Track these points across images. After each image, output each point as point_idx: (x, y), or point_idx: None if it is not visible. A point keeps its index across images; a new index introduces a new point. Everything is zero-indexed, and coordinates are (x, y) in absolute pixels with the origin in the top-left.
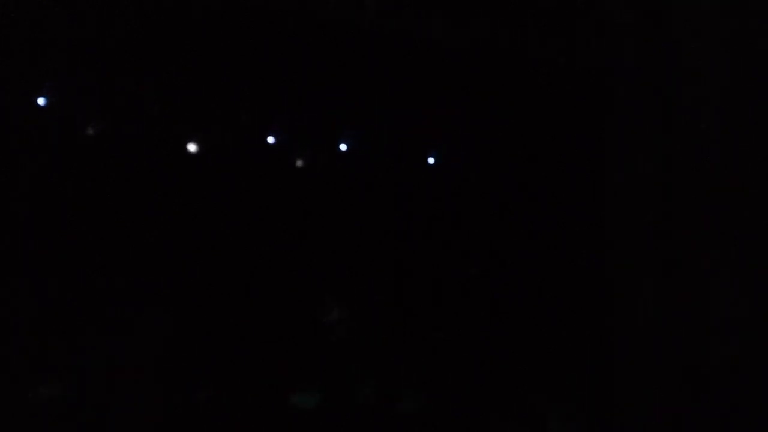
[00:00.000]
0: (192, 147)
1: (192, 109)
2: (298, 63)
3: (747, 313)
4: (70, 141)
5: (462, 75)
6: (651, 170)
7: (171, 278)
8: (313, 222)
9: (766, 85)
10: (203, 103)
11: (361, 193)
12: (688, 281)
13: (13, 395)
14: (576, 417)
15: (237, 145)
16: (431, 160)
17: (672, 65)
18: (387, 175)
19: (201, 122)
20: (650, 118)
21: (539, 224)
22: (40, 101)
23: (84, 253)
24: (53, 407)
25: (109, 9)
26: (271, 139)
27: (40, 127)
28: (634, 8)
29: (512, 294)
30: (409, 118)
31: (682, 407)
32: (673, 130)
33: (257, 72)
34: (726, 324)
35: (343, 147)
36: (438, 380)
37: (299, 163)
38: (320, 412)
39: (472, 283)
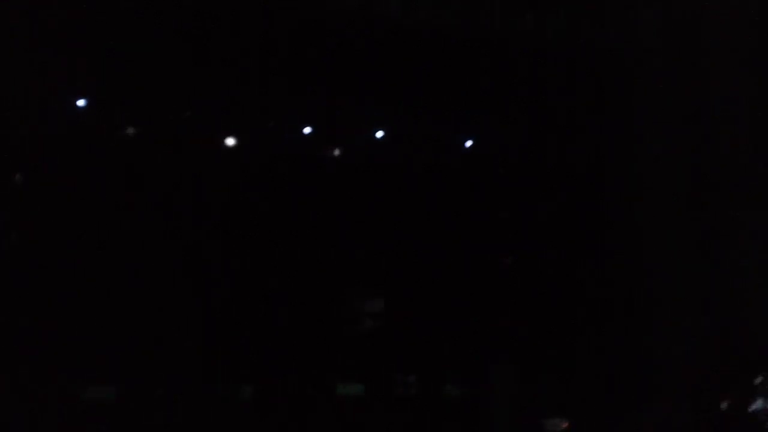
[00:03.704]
0: (230, 141)
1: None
2: (329, 56)
3: None
4: (105, 142)
5: (488, 62)
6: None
7: (212, 274)
8: (346, 216)
9: None
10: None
11: (396, 181)
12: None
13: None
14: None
15: (272, 136)
16: (468, 143)
17: (699, 58)
18: (422, 163)
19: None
20: (675, 110)
21: (564, 214)
22: (80, 103)
23: (113, 250)
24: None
25: (140, 12)
26: (307, 129)
27: (76, 130)
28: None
29: (543, 281)
30: (440, 107)
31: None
32: (699, 124)
33: (291, 66)
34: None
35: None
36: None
37: (336, 152)
38: (363, 401)
39: (506, 271)
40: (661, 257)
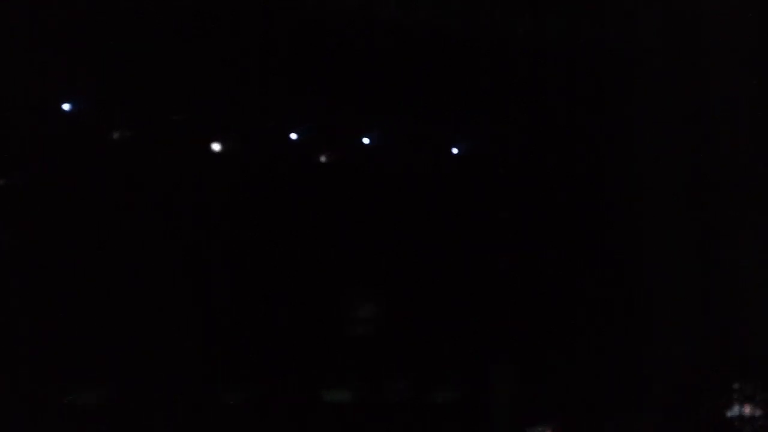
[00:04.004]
0: (216, 146)
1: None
2: (320, 57)
3: None
4: (95, 145)
5: (484, 64)
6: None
7: (201, 278)
8: (338, 218)
9: None
10: (226, 103)
11: (386, 187)
12: (715, 270)
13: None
14: None
15: (260, 142)
16: (455, 151)
17: (697, 59)
18: (412, 168)
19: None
20: (675, 110)
21: (563, 214)
22: (65, 107)
23: (103, 254)
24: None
25: (130, 16)
26: (293, 135)
27: (65, 132)
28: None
29: (537, 286)
30: (432, 109)
31: None
32: (698, 124)
33: (280, 69)
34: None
35: (366, 141)
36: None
37: (323, 158)
38: (352, 408)
39: (500, 275)
40: (659, 259)
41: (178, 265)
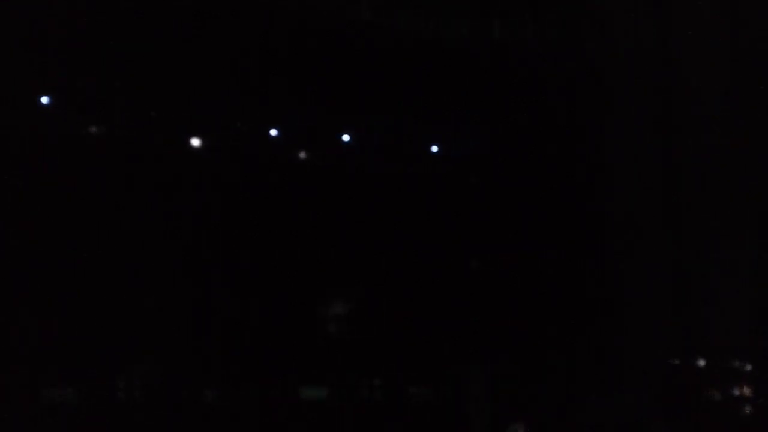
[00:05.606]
0: (195, 142)
1: (194, 106)
2: (299, 58)
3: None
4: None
5: (460, 69)
6: (650, 165)
7: (179, 276)
8: (317, 217)
9: (764, 81)
10: (206, 100)
11: (363, 186)
12: (687, 274)
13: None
14: None
15: (240, 139)
16: (435, 149)
17: (670, 63)
18: (389, 167)
19: (204, 118)
20: (648, 114)
21: (538, 217)
22: (44, 100)
23: (84, 252)
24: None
25: (108, 12)
26: (273, 132)
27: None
28: (632, 6)
29: (513, 287)
30: (409, 112)
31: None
32: (672, 128)
33: (259, 68)
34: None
35: (345, 138)
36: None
37: (302, 155)
38: (329, 405)
39: (474, 276)
40: (634, 257)
41: (154, 265)
